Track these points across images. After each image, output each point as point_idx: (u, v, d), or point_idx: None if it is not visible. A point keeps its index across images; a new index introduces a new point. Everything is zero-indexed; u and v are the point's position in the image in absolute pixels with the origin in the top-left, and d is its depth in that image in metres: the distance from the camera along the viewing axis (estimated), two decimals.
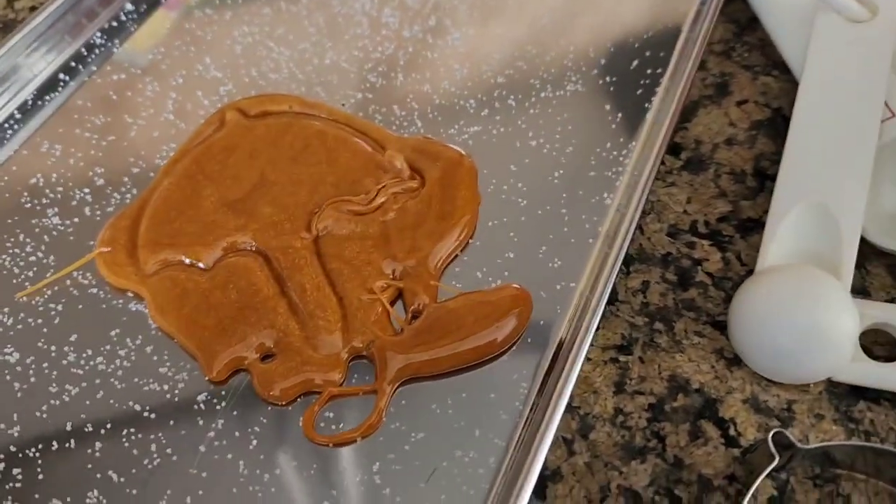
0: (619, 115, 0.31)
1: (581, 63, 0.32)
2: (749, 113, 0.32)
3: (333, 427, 0.23)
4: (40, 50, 0.32)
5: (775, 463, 0.22)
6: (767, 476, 0.23)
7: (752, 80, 0.33)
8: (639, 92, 0.31)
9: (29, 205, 0.28)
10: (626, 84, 0.31)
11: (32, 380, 0.25)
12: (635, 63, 0.32)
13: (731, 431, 0.24)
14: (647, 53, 0.32)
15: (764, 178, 0.29)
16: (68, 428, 0.24)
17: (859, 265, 0.27)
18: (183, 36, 0.33)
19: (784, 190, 0.27)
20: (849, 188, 0.27)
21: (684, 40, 0.33)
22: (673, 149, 0.31)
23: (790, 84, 0.32)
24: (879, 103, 0.28)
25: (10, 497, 0.23)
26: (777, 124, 0.31)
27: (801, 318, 0.24)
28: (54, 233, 0.27)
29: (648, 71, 0.32)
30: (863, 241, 0.26)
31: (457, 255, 0.27)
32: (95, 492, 0.23)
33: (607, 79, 0.32)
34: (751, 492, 0.22)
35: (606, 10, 0.34)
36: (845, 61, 0.29)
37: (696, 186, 0.29)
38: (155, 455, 0.23)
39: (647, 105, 0.31)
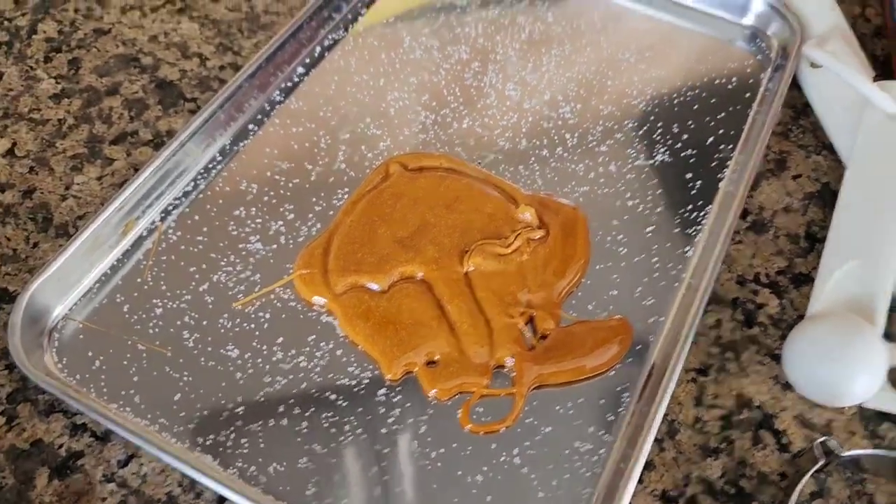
0: (699, 182, 0.38)
1: (668, 138, 0.40)
2: (802, 186, 0.39)
3: (483, 419, 0.31)
4: (235, 104, 0.40)
5: (820, 464, 0.29)
6: (811, 477, 0.30)
7: (805, 157, 0.40)
8: (713, 164, 0.39)
9: (235, 232, 0.36)
10: (704, 157, 0.39)
11: (250, 371, 0.32)
12: (710, 139, 0.40)
13: (784, 440, 0.31)
14: (720, 131, 0.40)
15: (814, 241, 0.37)
16: (280, 410, 0.31)
17: (892, 315, 0.34)
18: (346, 97, 0.41)
19: (831, 251, 0.35)
20: (885, 252, 0.34)
21: (751, 122, 0.40)
22: (741, 213, 0.38)
23: (836, 163, 0.39)
24: None
25: (240, 460, 0.30)
26: (825, 196, 0.38)
27: (840, 355, 0.31)
28: (258, 256, 0.35)
29: (721, 146, 0.39)
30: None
31: (573, 291, 0.34)
32: (304, 459, 0.30)
33: (689, 151, 0.39)
34: (800, 486, 0.29)
35: (690, 96, 0.41)
36: (887, 149, 0.37)
37: (759, 245, 0.37)
38: (348, 433, 0.31)
39: (720, 175, 0.38)
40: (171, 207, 0.37)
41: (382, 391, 0.32)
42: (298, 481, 0.29)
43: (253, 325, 0.33)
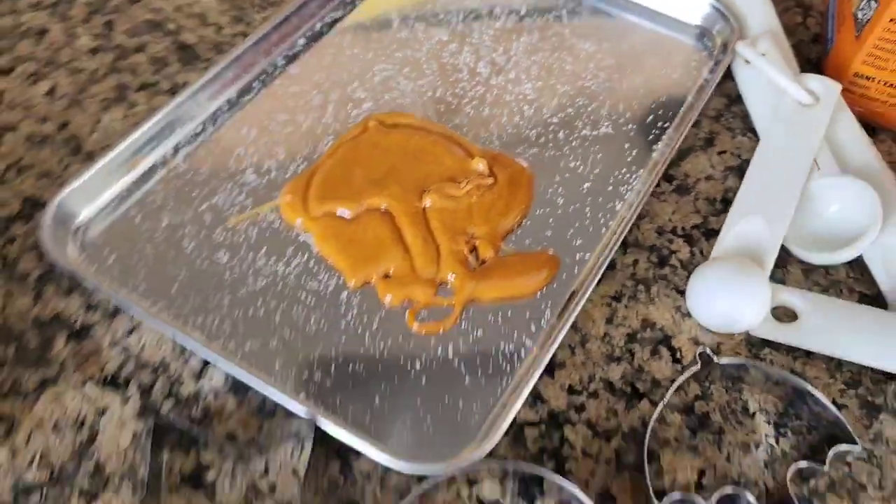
0: (634, 151, 0.44)
1: (613, 114, 0.46)
2: (725, 160, 0.45)
3: (427, 322, 0.37)
4: (242, 65, 0.47)
5: (696, 368, 0.35)
6: (696, 382, 0.36)
7: (731, 138, 0.46)
8: (649, 138, 0.45)
9: (233, 167, 0.43)
10: (642, 132, 0.45)
11: (236, 273, 0.38)
12: (650, 118, 0.46)
13: (678, 356, 0.37)
14: (660, 112, 0.46)
15: (727, 204, 0.43)
16: (258, 303, 0.37)
17: (782, 266, 0.40)
18: (339, 66, 0.48)
19: (737, 208, 0.41)
20: (781, 212, 0.40)
21: (687, 106, 0.47)
22: (668, 178, 0.44)
23: (757, 143, 0.45)
24: (811, 161, 0.41)
25: (222, 338, 0.36)
26: (743, 170, 0.44)
27: (733, 290, 0.37)
28: (251, 185, 0.42)
29: (659, 124, 0.46)
30: (788, 252, 0.40)
31: (514, 230, 0.41)
32: (275, 341, 0.36)
33: (629, 126, 0.45)
34: (677, 382, 0.35)
35: (638, 81, 0.48)
36: (793, 130, 0.43)
37: (680, 204, 0.43)
38: (313, 324, 0.37)
39: (653, 147, 0.45)
40: (180, 145, 0.43)
41: (344, 295, 0.38)
42: (268, 358, 0.36)
43: (242, 238, 0.40)
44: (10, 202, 0.41)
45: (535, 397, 0.36)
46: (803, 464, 0.33)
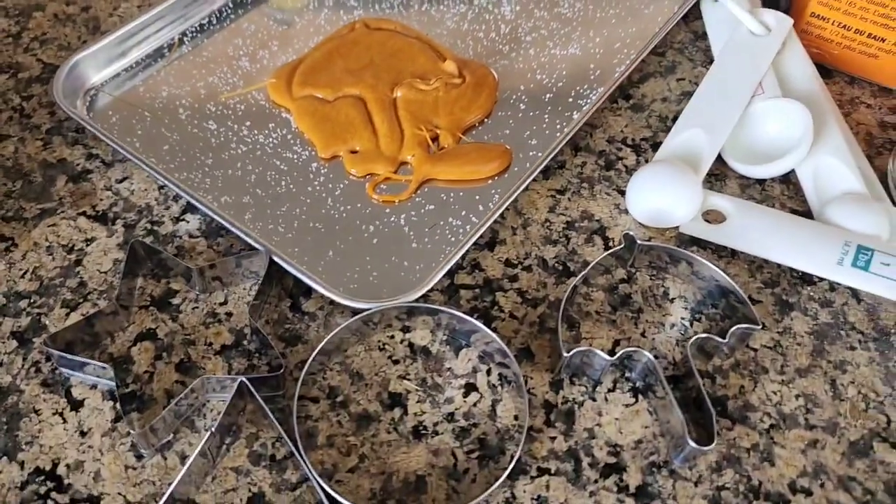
0: (598, 71, 0.48)
1: (583, 39, 0.50)
2: (682, 86, 0.48)
3: (385, 194, 0.41)
4: None
5: (620, 247, 0.38)
6: (623, 268, 0.40)
7: (692, 68, 0.50)
8: (613, 61, 0.49)
9: (231, 54, 0.47)
10: (608, 55, 0.49)
11: (222, 139, 0.43)
12: (617, 45, 0.50)
13: (610, 244, 0.41)
14: (627, 40, 0.50)
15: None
16: (238, 165, 0.42)
17: (721, 180, 0.43)
18: None
19: (682, 121, 0.44)
20: (720, 126, 0.43)
21: (653, 34, 0.50)
22: (626, 97, 0.48)
23: None
24: (755, 84, 0.45)
25: (202, 191, 0.41)
26: None
27: (667, 188, 0.41)
28: (244, 69, 0.46)
29: (625, 51, 0.49)
30: (728, 168, 0.43)
31: (475, 126, 0.45)
32: (247, 198, 0.41)
33: (596, 50, 0.49)
34: (599, 257, 0.38)
35: (611, 13, 0.51)
36: (743, 56, 0.46)
37: (633, 119, 0.46)
38: (283, 186, 0.41)
39: (617, 69, 0.48)
40: (187, 32, 0.48)
41: (315, 165, 0.42)
42: (241, 210, 0.40)
43: (230, 111, 0.44)
44: (31, 66, 0.46)
45: (474, 266, 0.39)
46: (703, 335, 0.36)
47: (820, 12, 0.47)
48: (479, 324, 0.35)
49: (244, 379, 0.33)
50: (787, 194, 0.43)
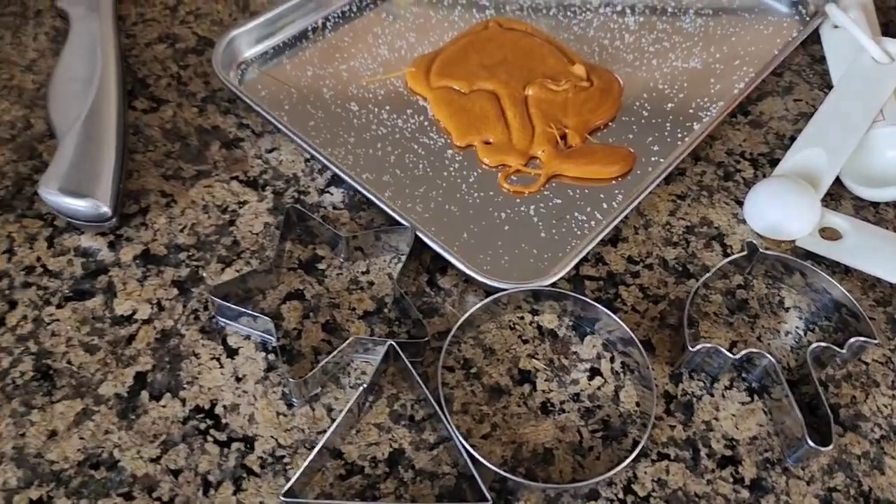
0: (718, 86, 0.50)
1: (704, 53, 0.51)
2: (799, 107, 0.50)
3: (516, 185, 0.43)
4: None
5: (742, 253, 0.40)
6: (740, 274, 0.41)
7: (809, 90, 0.51)
8: (733, 77, 0.50)
9: (371, 42, 0.50)
10: (728, 71, 0.51)
11: (363, 120, 0.46)
12: (737, 62, 0.51)
13: (728, 251, 0.42)
14: (747, 58, 0.52)
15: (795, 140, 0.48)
16: (378, 146, 0.44)
17: (837, 199, 0.45)
18: None
19: (802, 140, 0.46)
20: (841, 148, 0.45)
21: (773, 56, 0.52)
22: (745, 112, 0.49)
23: None
24: (877, 110, 0.46)
25: (346, 166, 0.43)
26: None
27: (785, 201, 0.42)
28: (384, 57, 0.49)
29: (744, 68, 0.51)
30: (844, 189, 0.45)
31: (601, 128, 0.47)
32: (387, 177, 0.43)
33: (717, 65, 0.51)
34: (720, 265, 0.40)
35: (731, 31, 0.53)
36: (865, 83, 0.48)
37: (751, 135, 0.48)
38: (421, 169, 0.43)
39: (736, 86, 0.50)
40: (330, 17, 0.51)
41: (450, 152, 0.45)
42: (381, 187, 0.43)
43: (371, 95, 0.47)
44: (188, 38, 0.49)
45: (598, 260, 0.41)
46: (823, 344, 0.38)
47: None
48: (607, 311, 0.37)
49: (393, 342, 0.35)
50: None
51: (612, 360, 0.38)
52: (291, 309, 0.38)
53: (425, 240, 0.39)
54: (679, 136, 0.47)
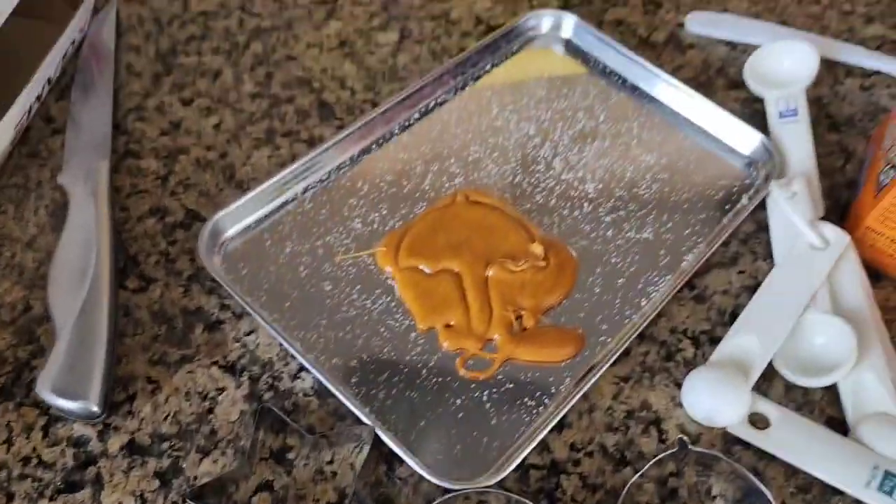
0: (667, 258, 0.54)
1: (657, 223, 0.55)
2: (742, 280, 0.54)
3: (472, 368, 0.47)
4: (367, 128, 0.58)
5: (674, 450, 0.44)
6: (674, 462, 0.45)
7: (752, 261, 0.55)
8: (682, 249, 0.54)
9: (346, 213, 0.54)
10: (678, 242, 0.54)
11: (336, 300, 0.50)
12: (687, 231, 0.55)
13: (664, 437, 0.46)
14: (697, 227, 0.55)
15: (735, 318, 0.51)
16: (347, 328, 0.48)
17: (769, 380, 0.49)
18: (442, 142, 0.59)
19: (739, 325, 0.49)
20: (773, 336, 0.49)
21: (721, 227, 0.55)
22: (691, 286, 0.53)
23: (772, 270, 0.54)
24: (810, 296, 0.50)
25: (317, 351, 0.47)
26: (756, 291, 0.53)
27: (718, 391, 0.46)
28: (357, 232, 0.53)
29: (694, 238, 0.55)
30: (777, 371, 0.49)
31: (554, 307, 0.51)
32: (354, 361, 0.47)
33: (668, 235, 0.55)
34: (654, 460, 0.44)
35: (685, 197, 0.57)
36: (801, 268, 0.51)
37: (695, 310, 0.52)
38: (384, 352, 0.48)
39: (684, 257, 0.54)
40: (309, 188, 0.55)
41: (413, 335, 0.49)
42: (347, 373, 0.47)
43: (343, 274, 0.51)
44: (176, 212, 0.53)
45: (544, 447, 0.45)
46: None
47: (876, 227, 0.52)
48: None
49: None
50: (827, 401, 0.49)
51: None
52: (261, 501, 0.42)
53: (383, 437, 0.43)
54: (627, 314, 0.51)
